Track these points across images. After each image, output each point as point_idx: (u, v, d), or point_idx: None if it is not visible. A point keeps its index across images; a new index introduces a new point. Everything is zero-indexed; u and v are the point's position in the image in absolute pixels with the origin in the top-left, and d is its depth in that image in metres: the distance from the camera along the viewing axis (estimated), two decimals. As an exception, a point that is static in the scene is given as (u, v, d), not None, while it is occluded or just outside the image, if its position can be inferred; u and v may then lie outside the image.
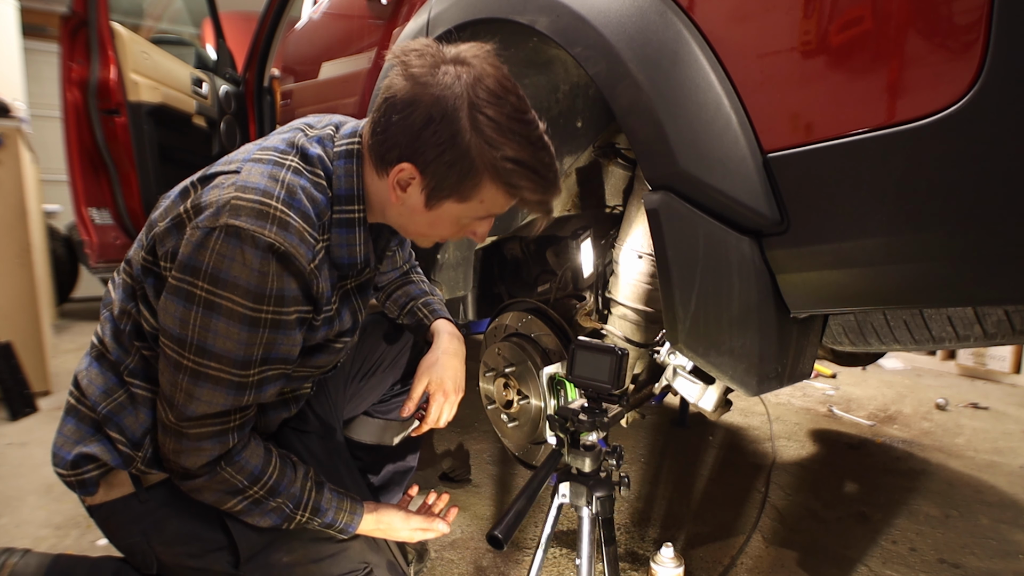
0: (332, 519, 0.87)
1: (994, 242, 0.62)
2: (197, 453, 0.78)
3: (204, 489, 0.81)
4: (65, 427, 0.87)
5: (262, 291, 0.72)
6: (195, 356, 0.73)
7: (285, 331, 0.77)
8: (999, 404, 2.59)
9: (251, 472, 0.81)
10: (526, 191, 0.78)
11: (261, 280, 0.72)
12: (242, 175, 0.75)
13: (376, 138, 0.78)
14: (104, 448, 0.84)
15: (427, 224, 0.84)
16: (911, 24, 0.62)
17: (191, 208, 0.75)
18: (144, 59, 2.60)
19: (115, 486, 0.87)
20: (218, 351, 0.73)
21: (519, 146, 0.75)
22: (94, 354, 0.88)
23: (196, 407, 0.75)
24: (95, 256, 2.82)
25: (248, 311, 0.72)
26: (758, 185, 0.75)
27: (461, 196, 0.78)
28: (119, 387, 0.84)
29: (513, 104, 0.76)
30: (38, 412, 2.25)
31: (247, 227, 0.70)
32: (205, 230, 0.71)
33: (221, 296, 0.71)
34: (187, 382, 0.74)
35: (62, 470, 0.86)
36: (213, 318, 0.72)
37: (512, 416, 1.39)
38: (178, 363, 0.74)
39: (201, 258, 0.71)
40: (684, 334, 0.86)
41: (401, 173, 0.77)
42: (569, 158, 1.45)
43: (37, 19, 4.48)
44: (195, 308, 0.72)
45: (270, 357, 0.78)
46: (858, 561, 1.38)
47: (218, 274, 0.71)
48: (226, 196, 0.72)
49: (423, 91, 0.73)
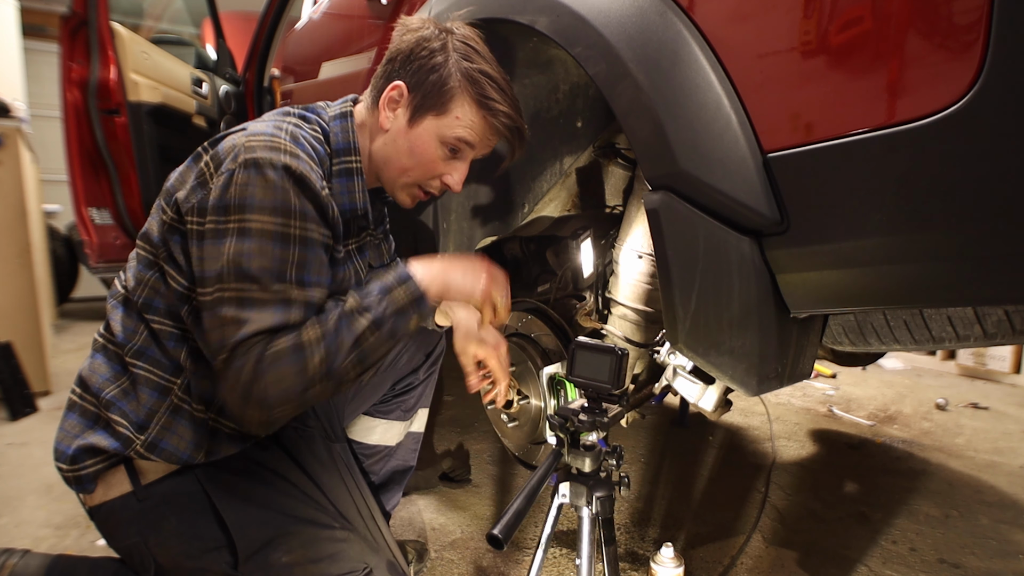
0: (383, 314, 0.79)
1: (994, 242, 0.62)
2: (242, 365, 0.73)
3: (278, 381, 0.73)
4: (67, 422, 0.88)
5: (287, 207, 0.77)
6: (235, 283, 0.75)
7: (314, 249, 0.80)
8: (999, 404, 2.59)
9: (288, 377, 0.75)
10: (496, 103, 0.90)
11: (284, 197, 0.77)
12: (248, 128, 0.83)
13: (375, 82, 0.93)
14: (102, 436, 0.85)
15: (408, 148, 0.92)
16: (911, 24, 0.62)
17: (210, 162, 0.80)
18: (144, 59, 2.60)
19: (113, 485, 0.87)
20: (255, 271, 0.75)
21: (490, 65, 0.90)
22: (97, 347, 0.90)
23: (246, 328, 0.73)
24: (95, 256, 2.82)
25: (277, 227, 0.76)
26: (758, 185, 0.75)
27: (439, 109, 0.89)
28: (122, 373, 0.87)
29: (487, 50, 0.92)
30: (38, 412, 2.25)
31: (263, 156, 0.77)
32: (227, 172, 0.77)
33: (250, 220, 0.75)
34: (233, 311, 0.74)
35: (62, 464, 0.87)
36: (246, 242, 0.75)
37: (512, 416, 1.39)
38: (220, 299, 0.75)
39: (228, 196, 0.76)
40: (684, 334, 0.86)
41: (392, 91, 0.90)
42: (569, 158, 1.45)
43: (37, 19, 4.48)
44: (229, 240, 0.75)
45: (304, 279, 0.78)
46: (858, 561, 1.38)
47: (243, 201, 0.75)
48: (239, 141, 0.79)
49: (416, 32, 0.90)
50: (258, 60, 2.50)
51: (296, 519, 0.90)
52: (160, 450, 0.85)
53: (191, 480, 0.88)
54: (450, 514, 1.55)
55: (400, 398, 1.22)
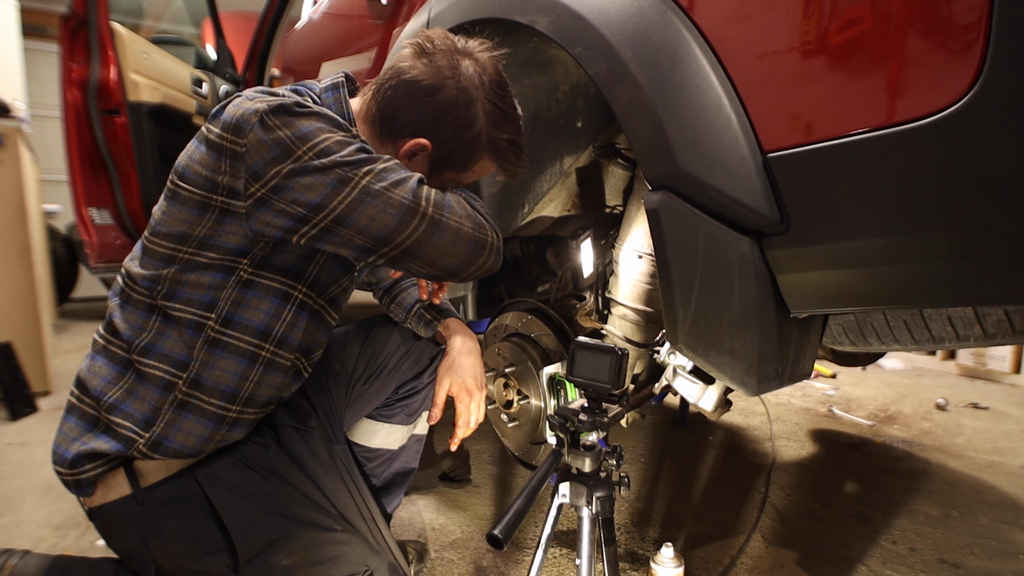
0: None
1: (994, 242, 0.62)
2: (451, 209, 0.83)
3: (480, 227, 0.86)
4: (65, 425, 0.88)
5: (331, 121, 0.79)
6: (357, 171, 0.77)
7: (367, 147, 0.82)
8: (999, 404, 2.59)
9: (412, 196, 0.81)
10: (511, 164, 0.96)
11: (321, 116, 0.79)
12: (244, 95, 0.81)
13: (386, 107, 0.89)
14: (103, 440, 0.85)
15: None
16: (911, 24, 0.62)
17: (227, 133, 0.77)
18: (144, 59, 2.60)
19: (113, 487, 0.87)
20: (360, 158, 0.77)
21: (516, 131, 0.94)
22: (97, 348, 0.89)
23: (409, 183, 0.79)
24: (95, 256, 2.82)
25: (341, 136, 0.78)
26: (758, 185, 0.75)
27: (461, 168, 0.94)
28: (125, 373, 0.86)
29: (510, 95, 0.93)
30: (38, 412, 2.25)
31: (279, 101, 0.76)
32: (257, 128, 0.75)
33: (318, 141, 0.76)
34: (382, 186, 0.77)
35: (61, 468, 0.86)
36: (331, 154, 0.76)
37: (512, 416, 1.39)
38: (360, 192, 0.76)
39: (279, 140, 0.75)
40: (684, 334, 0.86)
41: (415, 146, 0.90)
42: (569, 158, 1.45)
43: (37, 19, 4.49)
44: (314, 163, 0.75)
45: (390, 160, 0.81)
46: (858, 561, 1.38)
47: (298, 134, 0.76)
48: (243, 103, 0.78)
49: (448, 81, 0.87)
50: (258, 60, 2.50)
51: (297, 521, 0.89)
52: (164, 448, 0.85)
53: (191, 482, 0.88)
54: (450, 514, 1.55)
55: (404, 402, 1.22)
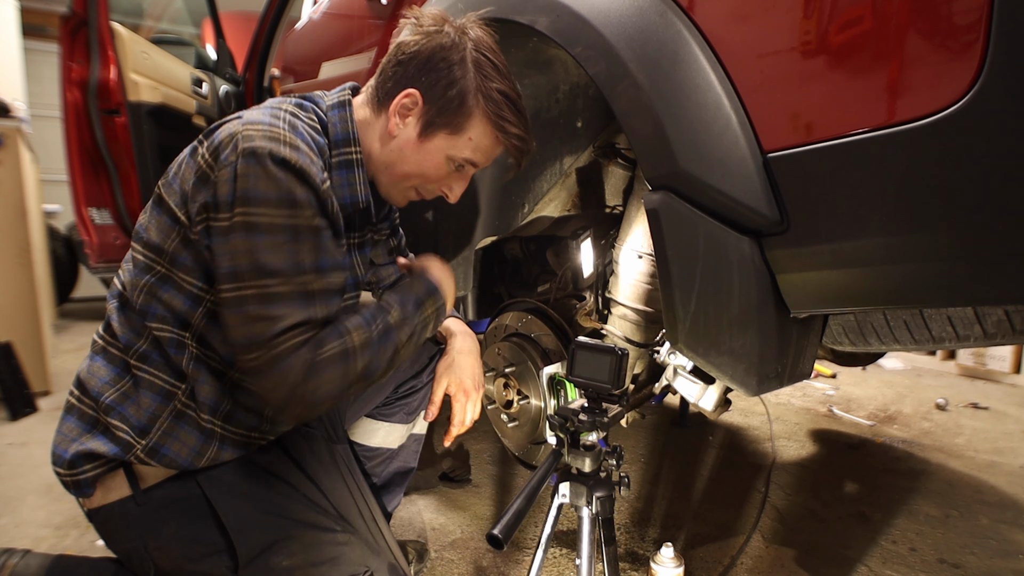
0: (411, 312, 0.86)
1: (994, 242, 0.62)
2: (290, 366, 0.75)
3: (326, 383, 0.77)
4: (64, 425, 0.87)
5: (292, 198, 0.75)
6: (254, 280, 0.74)
7: (324, 236, 0.80)
8: (999, 404, 2.59)
9: (338, 334, 0.79)
10: (510, 125, 0.88)
11: (288, 188, 0.75)
12: (245, 116, 0.81)
13: (381, 78, 0.88)
14: (101, 441, 0.84)
15: (415, 160, 0.90)
16: (911, 24, 0.62)
17: (208, 156, 0.78)
18: (144, 59, 2.60)
19: (112, 488, 0.86)
20: (273, 266, 0.74)
21: (508, 85, 0.88)
22: (96, 349, 0.89)
23: (277, 324, 0.74)
24: (95, 256, 2.82)
25: (285, 219, 0.75)
26: (758, 185, 0.75)
27: (454, 128, 0.87)
28: (123, 376, 0.85)
29: (503, 62, 0.89)
30: (38, 412, 2.25)
31: (262, 146, 0.74)
32: (229, 165, 0.75)
33: (256, 214, 0.74)
34: (256, 308, 0.74)
35: (60, 469, 0.86)
36: (256, 237, 0.74)
37: (512, 416, 1.39)
38: (242, 298, 0.75)
39: (233, 189, 0.74)
40: (684, 334, 0.86)
41: (405, 99, 0.86)
42: (569, 158, 1.45)
43: (37, 19, 4.48)
44: (239, 235, 0.74)
45: (321, 267, 0.79)
46: (858, 561, 1.38)
47: (247, 194, 0.74)
48: (236, 129, 0.77)
49: (434, 35, 0.85)
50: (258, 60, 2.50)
51: (297, 522, 0.89)
52: (161, 456, 0.84)
53: (191, 484, 0.87)
54: (450, 514, 1.55)
55: (403, 401, 1.22)
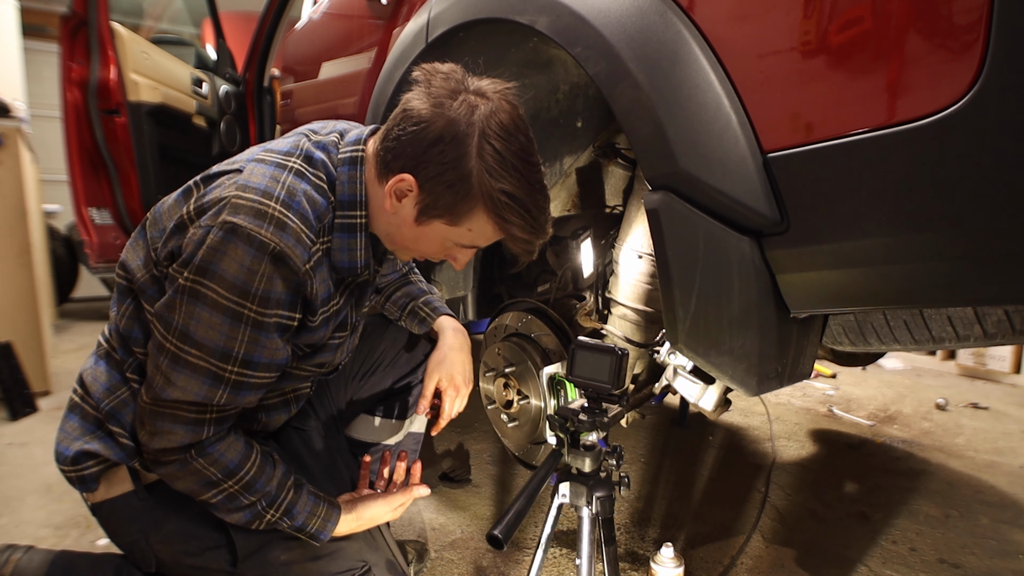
0: (302, 523, 0.86)
1: (994, 242, 0.62)
2: (168, 436, 0.78)
3: (176, 478, 0.82)
4: (67, 424, 0.89)
5: (247, 288, 0.73)
6: (177, 341, 0.75)
7: (266, 334, 0.77)
8: (999, 404, 2.59)
9: (226, 466, 0.81)
10: (516, 228, 0.80)
11: (249, 277, 0.73)
12: (244, 174, 0.78)
13: (385, 144, 0.80)
14: (105, 445, 0.86)
15: (412, 238, 0.85)
16: (911, 24, 0.62)
17: (193, 210, 0.78)
18: (144, 59, 2.60)
19: (115, 483, 0.88)
20: (199, 339, 0.75)
21: (518, 183, 0.77)
22: (100, 352, 0.90)
23: (171, 391, 0.76)
24: (95, 256, 2.82)
25: (232, 304, 0.74)
26: (758, 185, 0.75)
27: (452, 219, 0.80)
28: (122, 384, 0.87)
29: (521, 143, 0.78)
30: (38, 412, 2.25)
31: (244, 224, 0.72)
32: (205, 228, 0.74)
33: (206, 286, 0.73)
34: (167, 365, 0.76)
35: (64, 466, 0.87)
36: (197, 306, 0.74)
37: (512, 416, 1.39)
38: (162, 345, 0.76)
39: (197, 254, 0.73)
40: (684, 334, 0.86)
41: (400, 183, 0.78)
42: (569, 158, 1.45)
43: (37, 19, 4.48)
44: (183, 296, 0.74)
45: (252, 361, 0.78)
46: (858, 561, 1.38)
47: (207, 265, 0.73)
48: (227, 194, 0.75)
49: (440, 112, 0.76)
50: (258, 60, 2.50)
51: None
52: None
53: None
54: (450, 514, 1.55)
55: (400, 396, 1.22)
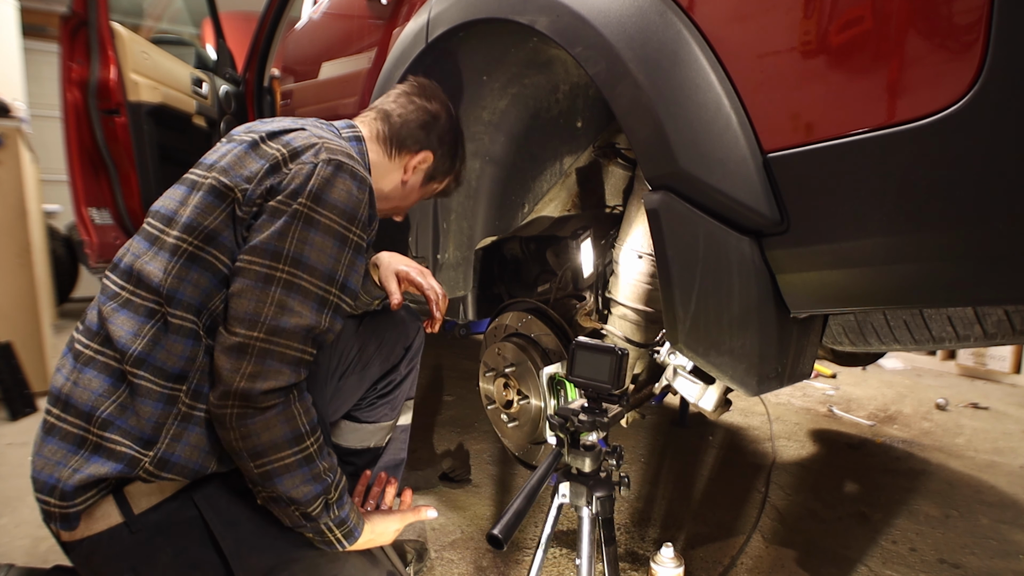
0: (346, 515, 0.86)
1: (994, 242, 0.62)
2: (276, 376, 0.78)
3: (268, 427, 0.78)
4: (45, 448, 0.80)
5: (355, 214, 0.85)
6: (290, 267, 0.80)
7: (360, 256, 0.88)
8: (999, 404, 2.59)
9: (313, 418, 0.82)
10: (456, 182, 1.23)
11: (356, 204, 0.85)
12: (310, 131, 0.91)
13: (400, 131, 1.08)
14: (98, 463, 0.78)
15: (408, 196, 1.15)
16: (911, 24, 0.62)
17: (285, 152, 0.85)
18: (144, 59, 2.60)
19: (98, 518, 0.80)
20: (312, 263, 0.81)
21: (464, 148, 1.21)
22: (83, 360, 0.82)
23: (288, 318, 0.79)
24: (95, 256, 2.81)
25: (342, 228, 0.83)
26: (758, 185, 0.75)
27: (441, 178, 1.17)
28: (118, 385, 0.80)
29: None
30: (38, 412, 2.25)
31: (346, 161, 0.85)
32: (311, 164, 0.83)
33: (321, 214, 0.82)
34: (280, 293, 0.79)
35: (50, 498, 0.77)
36: (311, 232, 0.81)
37: (512, 416, 1.39)
38: (270, 276, 0.79)
39: (309, 184, 0.82)
40: (684, 334, 0.86)
41: (423, 160, 1.10)
42: (569, 158, 1.45)
43: (37, 19, 4.48)
44: (296, 223, 0.81)
45: (346, 285, 0.86)
46: (858, 561, 1.38)
47: (321, 195, 0.82)
48: (316, 141, 0.87)
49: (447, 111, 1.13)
50: (258, 60, 2.50)
51: (296, 544, 0.86)
52: (171, 465, 0.80)
53: (188, 505, 0.83)
54: (450, 514, 1.55)
55: (385, 398, 1.22)
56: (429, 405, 2.38)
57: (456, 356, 3.10)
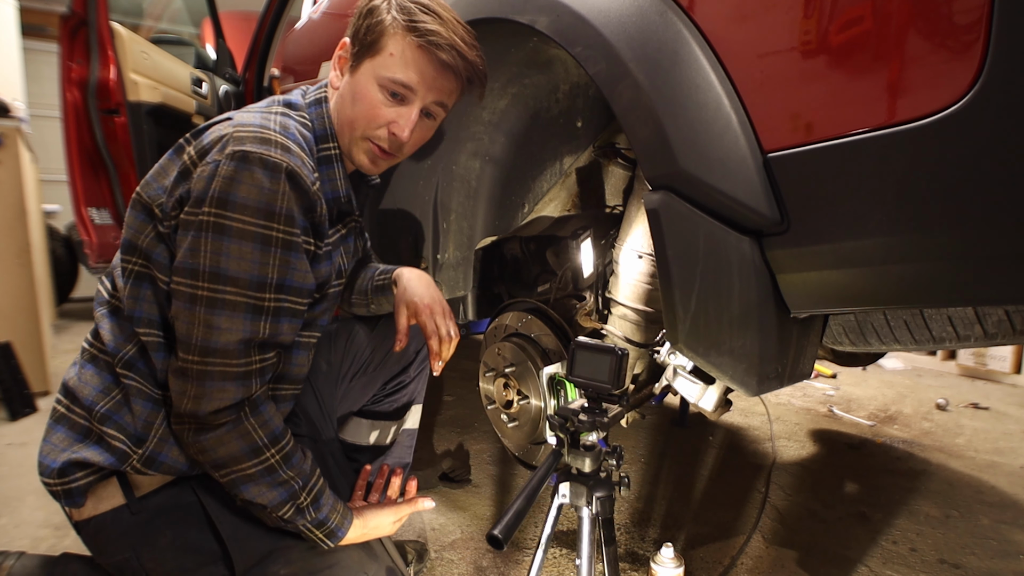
0: (325, 516, 0.85)
1: (994, 242, 0.62)
2: (220, 395, 0.76)
3: (223, 443, 0.77)
4: (54, 436, 0.84)
5: (272, 208, 0.75)
6: (209, 283, 0.74)
7: (296, 254, 0.79)
8: (999, 404, 2.59)
9: (272, 431, 0.80)
10: (428, 26, 0.84)
11: (271, 198, 0.75)
12: (235, 119, 0.81)
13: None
14: (95, 451, 0.82)
15: (352, 98, 0.89)
16: (911, 24, 0.62)
17: (195, 154, 0.79)
18: (144, 59, 2.60)
19: (104, 498, 0.84)
20: (232, 274, 0.74)
21: (414, 3, 0.86)
22: (86, 357, 0.87)
23: (217, 337, 0.75)
24: (95, 256, 2.82)
25: (259, 228, 0.74)
26: (758, 185, 0.74)
27: (373, 50, 0.86)
28: (115, 385, 0.83)
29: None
30: (38, 412, 2.25)
31: (254, 150, 0.74)
32: (214, 163, 0.75)
33: (230, 218, 0.73)
34: (204, 312, 0.74)
35: (49, 479, 0.83)
36: (224, 240, 0.73)
37: (512, 416, 1.39)
38: (193, 296, 0.74)
39: (211, 187, 0.74)
40: (684, 334, 0.86)
41: (339, 50, 0.90)
42: (569, 158, 1.45)
43: (37, 19, 4.48)
44: (205, 235, 0.73)
45: (284, 284, 0.79)
46: (858, 561, 1.38)
47: (227, 196, 0.73)
48: (226, 131, 0.77)
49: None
50: (258, 60, 2.50)
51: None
52: (159, 464, 0.83)
53: (187, 491, 0.85)
54: (450, 514, 1.55)
55: (392, 397, 1.21)
56: (429, 405, 2.38)
57: (456, 356, 3.09)
